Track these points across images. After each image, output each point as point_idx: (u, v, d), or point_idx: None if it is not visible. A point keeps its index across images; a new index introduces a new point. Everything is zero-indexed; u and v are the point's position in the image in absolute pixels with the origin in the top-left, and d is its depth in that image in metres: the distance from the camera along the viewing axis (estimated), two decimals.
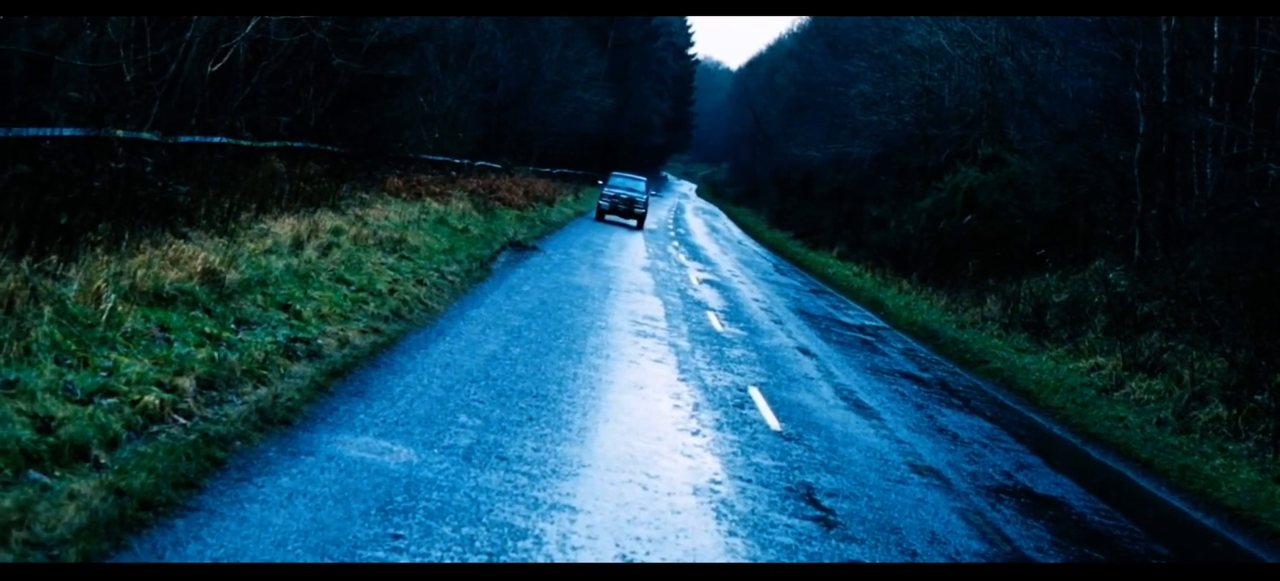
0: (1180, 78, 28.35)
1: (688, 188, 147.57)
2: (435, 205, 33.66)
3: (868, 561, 10.05)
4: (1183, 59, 28.35)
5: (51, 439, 8.10)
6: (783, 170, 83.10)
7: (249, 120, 24.92)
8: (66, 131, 15.33)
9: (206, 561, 7.29)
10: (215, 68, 19.97)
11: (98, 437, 8.41)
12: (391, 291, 18.25)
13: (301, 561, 7.58)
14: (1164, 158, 28.99)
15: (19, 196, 12.84)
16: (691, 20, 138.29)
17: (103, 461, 8.19)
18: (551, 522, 9.29)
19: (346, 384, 12.46)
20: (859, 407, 17.18)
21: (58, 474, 7.78)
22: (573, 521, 9.44)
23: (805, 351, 22.02)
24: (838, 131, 59.14)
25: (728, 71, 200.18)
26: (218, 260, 14.82)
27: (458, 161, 50.77)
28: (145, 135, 17.38)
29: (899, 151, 52.23)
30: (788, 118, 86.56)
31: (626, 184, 53.74)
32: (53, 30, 15.20)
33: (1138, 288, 26.27)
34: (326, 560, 7.68)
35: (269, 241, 18.79)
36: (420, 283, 20.05)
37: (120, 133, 16.33)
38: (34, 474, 7.63)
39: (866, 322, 30.01)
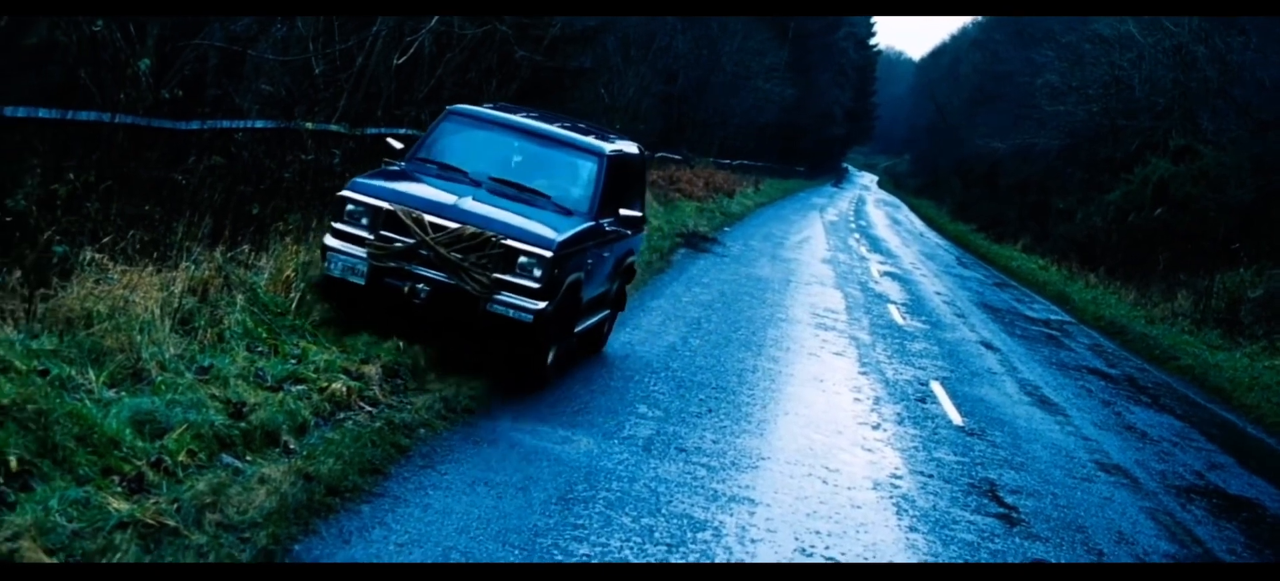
0: None
1: (869, 179, 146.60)
2: None
3: (1053, 560, 9.85)
4: None
5: (243, 424, 8.31)
6: (966, 161, 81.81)
7: (434, 111, 25.23)
8: (258, 123, 15.68)
9: (391, 548, 7.42)
10: (401, 60, 20.24)
11: (287, 423, 8.61)
12: None
13: (484, 549, 7.67)
14: None
15: (213, 187, 13.17)
16: None
17: (292, 446, 8.38)
18: (731, 514, 9.27)
19: None
20: (1044, 403, 16.85)
21: (249, 458, 7.98)
22: (752, 514, 9.40)
23: (988, 346, 21.67)
24: (1023, 122, 57.88)
25: (910, 62, 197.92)
26: None
27: None
28: (333, 127, 17.68)
29: (1086, 142, 50.93)
30: (971, 108, 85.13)
31: (482, 165, 12.57)
32: (245, 25, 15.55)
33: None
34: (508, 547, 7.75)
35: None
36: None
37: (309, 125, 16.64)
38: (227, 458, 7.84)
39: (1052, 317, 29.43)
